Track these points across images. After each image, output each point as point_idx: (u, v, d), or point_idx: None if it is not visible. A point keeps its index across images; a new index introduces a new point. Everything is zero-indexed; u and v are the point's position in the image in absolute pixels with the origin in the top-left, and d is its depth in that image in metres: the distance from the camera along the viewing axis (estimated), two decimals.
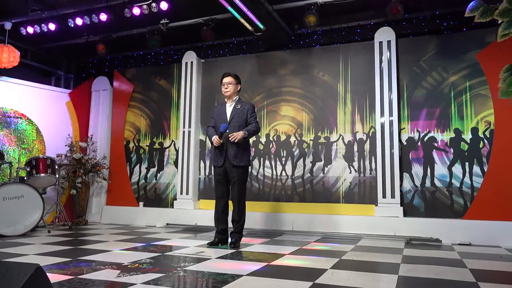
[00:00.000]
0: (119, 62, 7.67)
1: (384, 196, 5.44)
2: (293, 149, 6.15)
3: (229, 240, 4.39)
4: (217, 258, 3.71)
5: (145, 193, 6.96)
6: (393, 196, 5.40)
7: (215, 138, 4.31)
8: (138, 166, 7.08)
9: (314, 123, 6.08)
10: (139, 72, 7.34)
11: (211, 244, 4.36)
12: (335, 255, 3.97)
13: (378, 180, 5.51)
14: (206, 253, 3.96)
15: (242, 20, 5.36)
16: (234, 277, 2.91)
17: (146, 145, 7.09)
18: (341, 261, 3.65)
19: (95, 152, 7.13)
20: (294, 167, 6.11)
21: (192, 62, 6.75)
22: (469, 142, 5.25)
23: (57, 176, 5.69)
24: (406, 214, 5.36)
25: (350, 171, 5.79)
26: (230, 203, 4.44)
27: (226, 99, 4.54)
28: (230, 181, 4.38)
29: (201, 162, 6.66)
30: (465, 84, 5.35)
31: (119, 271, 3.07)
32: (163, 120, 7.02)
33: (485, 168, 5.12)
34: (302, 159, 6.08)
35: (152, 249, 4.19)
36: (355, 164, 5.78)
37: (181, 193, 6.53)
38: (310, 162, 6.02)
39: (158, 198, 6.85)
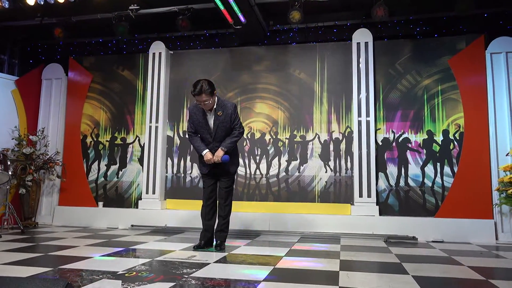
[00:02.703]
0: (74, 49, 7.00)
1: (360, 195, 5.50)
2: (268, 147, 6.02)
3: (214, 242, 4.17)
4: (215, 262, 3.46)
5: (104, 192, 6.41)
6: (369, 195, 5.48)
7: (208, 156, 4.06)
8: (96, 163, 6.51)
9: (290, 121, 6.00)
10: (98, 60, 6.75)
11: (197, 248, 4.11)
12: (331, 255, 3.90)
13: (354, 179, 5.56)
14: (198, 257, 3.69)
15: (225, 12, 5.12)
16: (254, 283, 2.70)
17: (106, 140, 6.54)
18: (342, 262, 3.58)
19: (46, 147, 6.43)
20: (269, 165, 5.99)
21: (160, 53, 6.34)
22: (440, 143, 5.49)
23: (10, 173, 5.02)
24: (381, 213, 5.48)
25: (326, 171, 5.79)
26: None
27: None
28: (219, 180, 4.19)
29: (168, 159, 6.29)
30: (437, 88, 5.58)
31: (120, 281, 2.73)
32: (126, 114, 6.52)
33: (455, 169, 5.38)
34: (277, 158, 5.97)
35: (136, 254, 3.83)
36: (331, 163, 5.79)
37: (147, 192, 6.11)
38: (286, 161, 5.94)
39: (120, 198, 6.35)
